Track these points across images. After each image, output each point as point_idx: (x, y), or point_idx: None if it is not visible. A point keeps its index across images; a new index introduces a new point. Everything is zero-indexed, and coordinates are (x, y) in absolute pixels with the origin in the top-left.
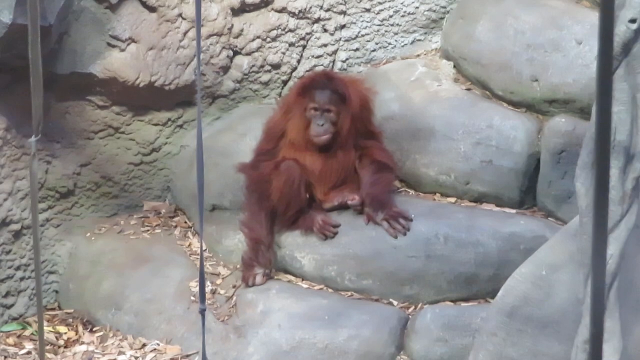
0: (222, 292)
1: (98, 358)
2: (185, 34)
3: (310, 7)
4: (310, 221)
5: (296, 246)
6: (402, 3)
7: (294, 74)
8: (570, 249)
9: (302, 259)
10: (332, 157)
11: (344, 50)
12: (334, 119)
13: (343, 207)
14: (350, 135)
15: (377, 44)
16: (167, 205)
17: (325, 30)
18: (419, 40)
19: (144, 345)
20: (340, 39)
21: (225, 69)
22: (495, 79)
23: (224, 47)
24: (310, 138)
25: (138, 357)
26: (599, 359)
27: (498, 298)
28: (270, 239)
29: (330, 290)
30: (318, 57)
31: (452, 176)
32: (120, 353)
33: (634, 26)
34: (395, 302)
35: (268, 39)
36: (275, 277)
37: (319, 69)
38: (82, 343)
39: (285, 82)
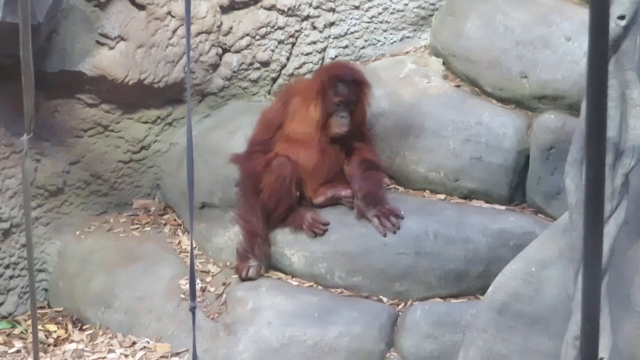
0: (212, 289)
1: (88, 356)
2: (174, 31)
3: (299, 5)
4: (300, 219)
5: (286, 243)
6: (391, 0)
7: (283, 71)
8: (560, 245)
9: (292, 256)
10: (326, 154)
11: (333, 47)
12: (353, 109)
13: (334, 201)
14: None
15: (366, 41)
16: (157, 203)
17: (315, 28)
18: (408, 37)
19: (134, 343)
20: (329, 36)
21: (215, 67)
22: (484, 75)
23: (213, 45)
24: (331, 131)
25: (128, 355)
26: (594, 356)
27: (488, 294)
28: (266, 232)
29: (320, 287)
30: (307, 54)
31: (441, 173)
32: (110, 351)
33: (623, 22)
34: (385, 299)
35: (257, 37)
36: (265, 275)
37: (332, 61)
38: (72, 341)
39: (274, 80)
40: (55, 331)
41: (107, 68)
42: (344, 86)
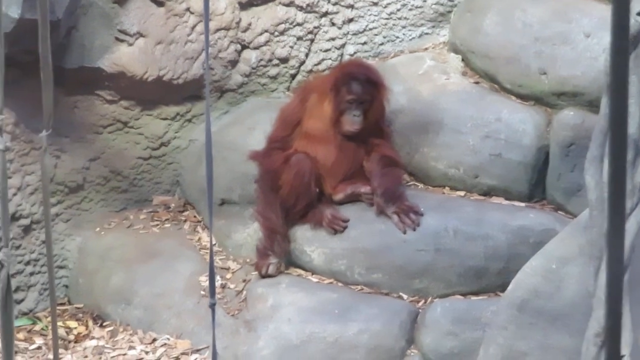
0: (232, 286)
1: (108, 353)
2: (193, 28)
3: (318, 1)
4: (320, 215)
5: (305, 240)
6: None
7: (302, 67)
8: (580, 242)
9: (311, 253)
10: (345, 150)
11: (352, 44)
12: (367, 107)
13: (354, 198)
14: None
15: (385, 37)
16: (177, 200)
17: (333, 24)
18: (427, 33)
19: (154, 339)
20: (348, 32)
21: (234, 63)
22: (503, 72)
23: (232, 41)
24: (342, 129)
25: (148, 351)
26: (617, 353)
27: (508, 291)
28: (286, 229)
29: (340, 284)
30: (326, 50)
31: (461, 169)
32: (131, 348)
33: None
34: (405, 296)
35: (276, 33)
36: (285, 271)
37: (349, 59)
38: (93, 338)
39: (293, 76)
40: (75, 328)
41: (126, 64)
42: (357, 85)
